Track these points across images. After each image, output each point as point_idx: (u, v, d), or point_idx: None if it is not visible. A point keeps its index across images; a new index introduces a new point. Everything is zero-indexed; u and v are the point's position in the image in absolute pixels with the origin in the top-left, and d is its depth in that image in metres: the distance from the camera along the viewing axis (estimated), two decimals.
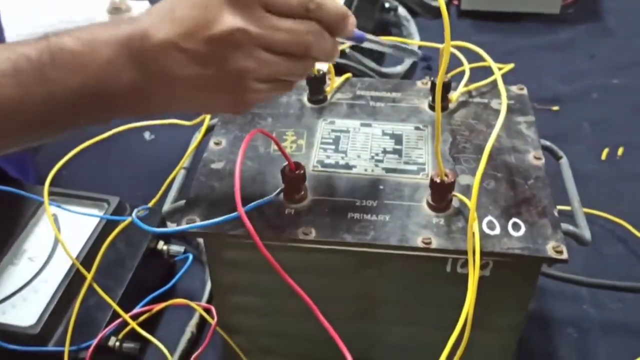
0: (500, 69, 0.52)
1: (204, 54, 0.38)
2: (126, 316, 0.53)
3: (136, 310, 0.54)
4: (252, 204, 0.42)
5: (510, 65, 0.55)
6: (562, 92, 0.88)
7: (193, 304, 0.54)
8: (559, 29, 0.99)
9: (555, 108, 0.85)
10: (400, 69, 0.88)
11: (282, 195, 0.44)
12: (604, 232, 0.68)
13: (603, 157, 0.78)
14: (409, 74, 0.89)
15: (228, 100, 0.41)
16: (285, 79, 0.42)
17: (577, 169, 0.54)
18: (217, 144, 0.50)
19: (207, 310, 0.56)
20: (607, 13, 1.02)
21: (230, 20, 0.38)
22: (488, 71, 0.53)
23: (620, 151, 0.78)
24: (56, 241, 0.57)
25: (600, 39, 0.98)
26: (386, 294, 0.47)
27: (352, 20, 0.43)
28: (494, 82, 0.52)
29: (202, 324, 0.59)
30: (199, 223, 0.42)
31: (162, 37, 0.38)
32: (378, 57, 0.92)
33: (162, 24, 0.39)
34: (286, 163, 0.43)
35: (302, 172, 0.43)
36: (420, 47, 0.80)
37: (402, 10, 0.97)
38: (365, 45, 0.46)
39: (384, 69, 0.86)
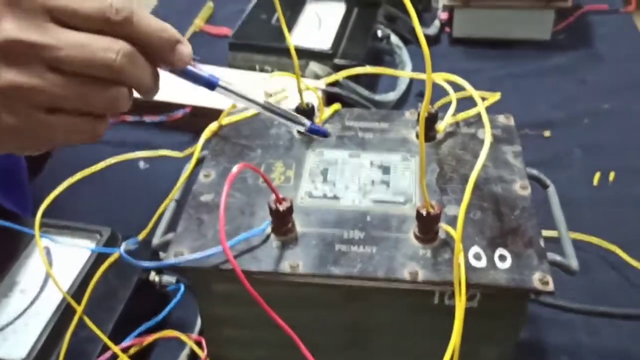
0: (485, 99, 0.53)
1: None
2: (116, 349, 0.53)
3: (126, 342, 0.54)
4: (238, 237, 0.43)
5: (496, 96, 0.56)
6: (553, 117, 0.88)
7: (183, 337, 0.54)
8: (550, 55, 1.00)
9: (547, 133, 0.85)
10: (393, 96, 0.89)
11: (269, 227, 0.45)
12: (597, 258, 0.68)
13: (595, 182, 0.78)
14: (402, 101, 0.89)
15: (8, 132, 0.34)
16: (83, 109, 0.35)
17: (569, 194, 0.54)
18: (206, 176, 0.50)
19: (199, 342, 0.56)
20: (598, 39, 1.03)
21: (5, 28, 0.32)
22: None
23: (611, 176, 0.78)
24: (47, 274, 0.57)
25: (591, 64, 0.99)
26: (374, 326, 0.47)
27: (186, 50, 0.36)
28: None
29: (194, 355, 0.59)
30: (186, 257, 0.42)
31: None
32: (371, 84, 0.93)
33: None
34: (273, 196, 0.44)
35: (289, 205, 0.43)
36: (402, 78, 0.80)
37: (394, 39, 0.98)
38: (218, 92, 0.39)
39: (377, 97, 0.87)
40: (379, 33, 0.98)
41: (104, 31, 0.33)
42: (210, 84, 0.37)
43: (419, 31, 0.37)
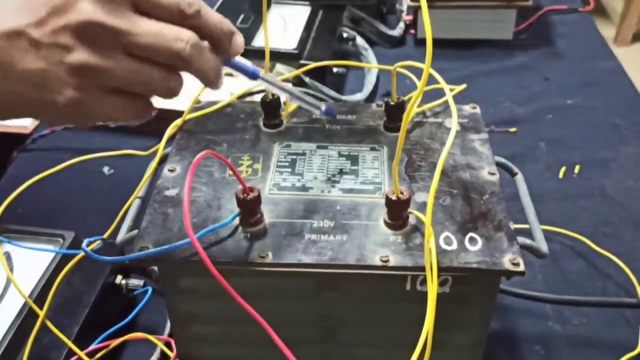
0: (452, 89, 0.53)
1: (49, 44, 0.34)
2: (82, 354, 0.51)
3: (92, 346, 0.52)
4: (206, 229, 0.42)
5: (463, 86, 0.56)
6: (518, 114, 0.90)
7: (152, 338, 0.52)
8: (513, 54, 1.02)
9: (513, 130, 0.86)
10: (360, 96, 0.89)
11: (237, 219, 0.44)
12: (565, 248, 0.69)
13: (560, 175, 0.79)
14: (368, 101, 0.89)
15: (67, 105, 0.36)
16: (145, 92, 0.37)
17: (536, 188, 0.55)
18: (171, 171, 0.49)
19: (168, 344, 0.55)
20: (558, 38, 1.06)
21: (87, 9, 0.34)
22: (443, 93, 0.53)
23: (576, 169, 0.79)
24: (9, 279, 0.55)
25: (553, 62, 1.01)
26: (347, 316, 0.46)
27: (240, 40, 0.39)
28: (448, 103, 0.53)
29: (165, 357, 0.57)
30: (151, 250, 0.41)
31: (10, 25, 0.34)
32: (338, 84, 0.93)
33: (17, 12, 0.35)
34: (241, 186, 0.43)
35: (256, 195, 0.42)
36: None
37: (360, 40, 0.99)
38: (260, 83, 0.43)
39: (344, 97, 0.87)
40: (344, 35, 0.98)
41: (174, 21, 0.36)
42: (254, 75, 0.41)
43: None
